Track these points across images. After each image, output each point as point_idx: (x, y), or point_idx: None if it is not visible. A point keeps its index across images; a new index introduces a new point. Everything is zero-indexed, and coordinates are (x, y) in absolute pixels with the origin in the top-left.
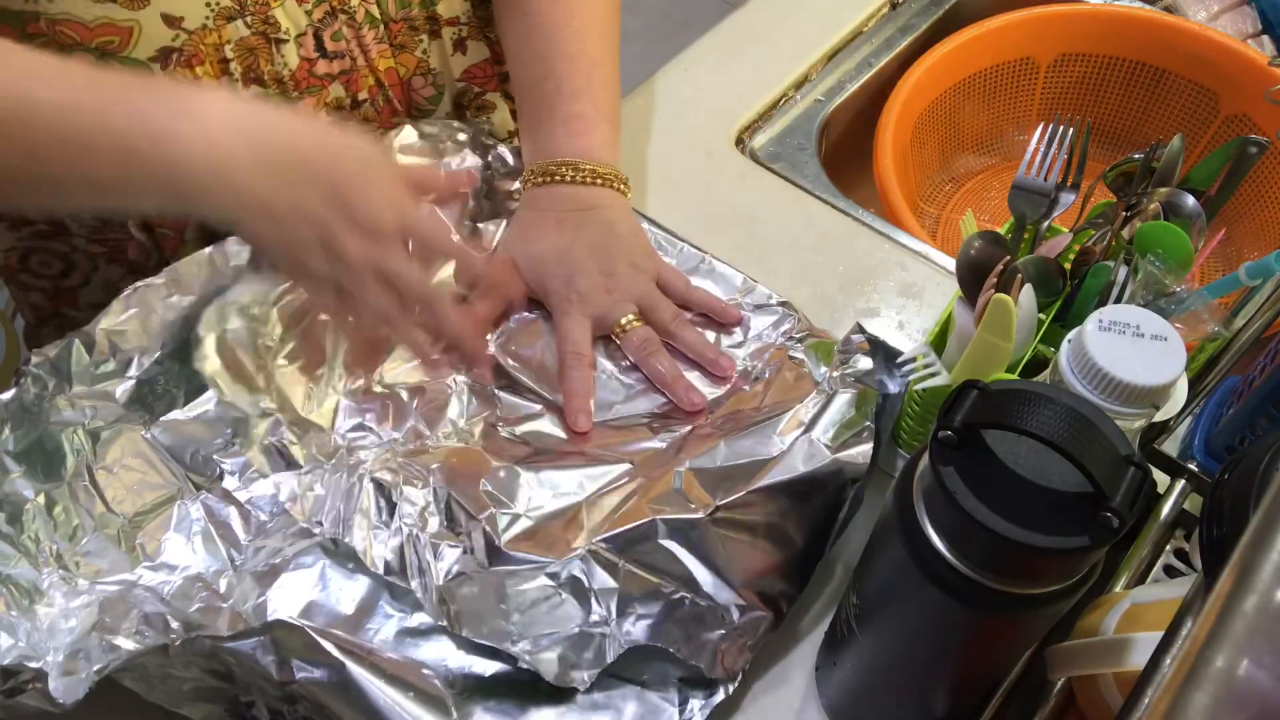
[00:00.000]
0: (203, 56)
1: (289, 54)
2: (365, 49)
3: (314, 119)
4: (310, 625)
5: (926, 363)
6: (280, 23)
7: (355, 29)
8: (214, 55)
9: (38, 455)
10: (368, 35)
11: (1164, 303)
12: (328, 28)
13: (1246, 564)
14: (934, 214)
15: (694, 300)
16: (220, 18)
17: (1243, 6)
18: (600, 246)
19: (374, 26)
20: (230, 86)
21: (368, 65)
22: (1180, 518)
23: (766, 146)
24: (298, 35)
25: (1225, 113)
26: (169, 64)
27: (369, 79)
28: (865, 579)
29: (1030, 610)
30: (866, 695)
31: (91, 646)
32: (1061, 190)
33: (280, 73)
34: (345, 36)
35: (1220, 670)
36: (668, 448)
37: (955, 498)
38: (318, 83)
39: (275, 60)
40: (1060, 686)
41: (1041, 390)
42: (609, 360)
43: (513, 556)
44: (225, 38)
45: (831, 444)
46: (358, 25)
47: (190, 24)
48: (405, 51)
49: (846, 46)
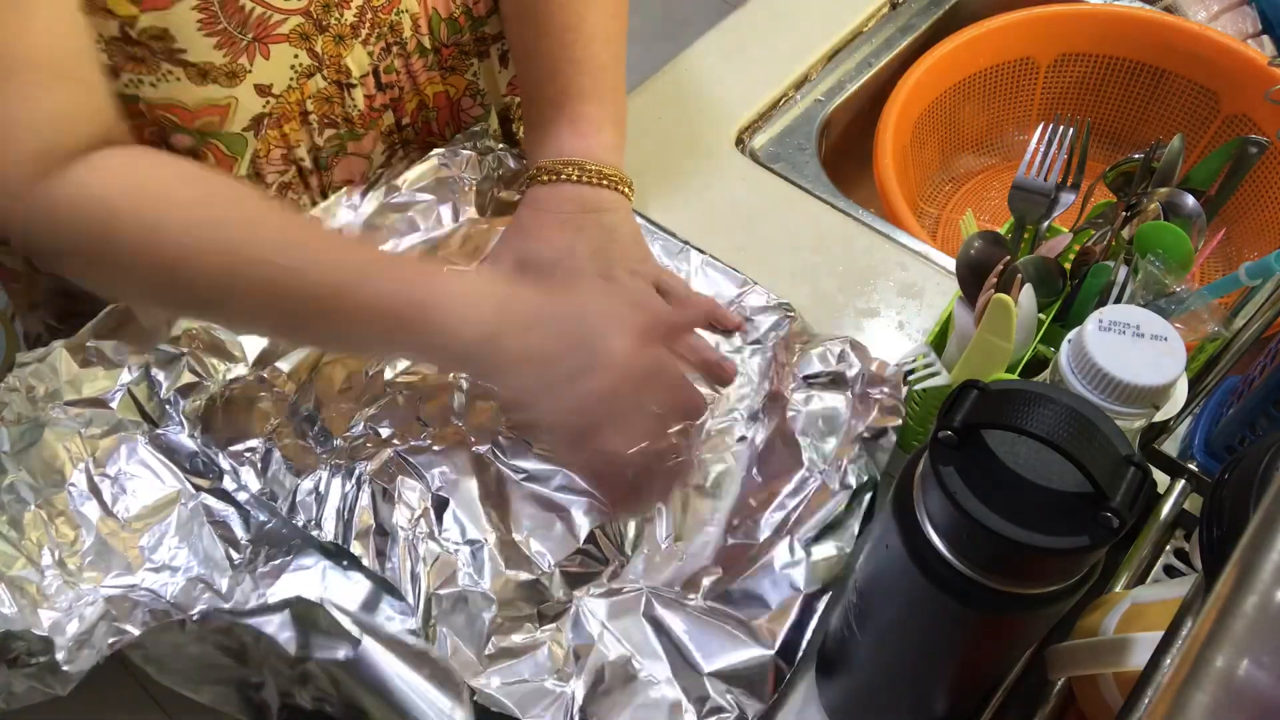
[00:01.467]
0: (289, 115)
1: (358, 96)
2: (414, 76)
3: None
4: (331, 601)
5: (926, 363)
6: (350, 69)
7: (405, 59)
8: (297, 111)
9: (36, 462)
10: (416, 64)
11: (1164, 303)
12: (383, 63)
13: (1246, 564)
14: (934, 214)
15: (694, 303)
16: (302, 76)
17: (1243, 6)
18: (600, 251)
19: (423, 56)
20: (308, 134)
21: (415, 91)
22: (1180, 518)
23: (766, 146)
24: (361, 76)
25: (1225, 113)
26: (260, 130)
27: (412, 103)
28: (865, 579)
29: (1030, 610)
30: (866, 695)
31: (99, 633)
32: (1061, 190)
33: (350, 113)
34: (397, 69)
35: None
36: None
37: (955, 498)
38: (375, 115)
39: (346, 103)
40: (1060, 686)
41: (1041, 390)
42: None
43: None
44: (307, 93)
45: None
46: (408, 55)
47: (278, 88)
48: (455, 74)
49: (846, 46)
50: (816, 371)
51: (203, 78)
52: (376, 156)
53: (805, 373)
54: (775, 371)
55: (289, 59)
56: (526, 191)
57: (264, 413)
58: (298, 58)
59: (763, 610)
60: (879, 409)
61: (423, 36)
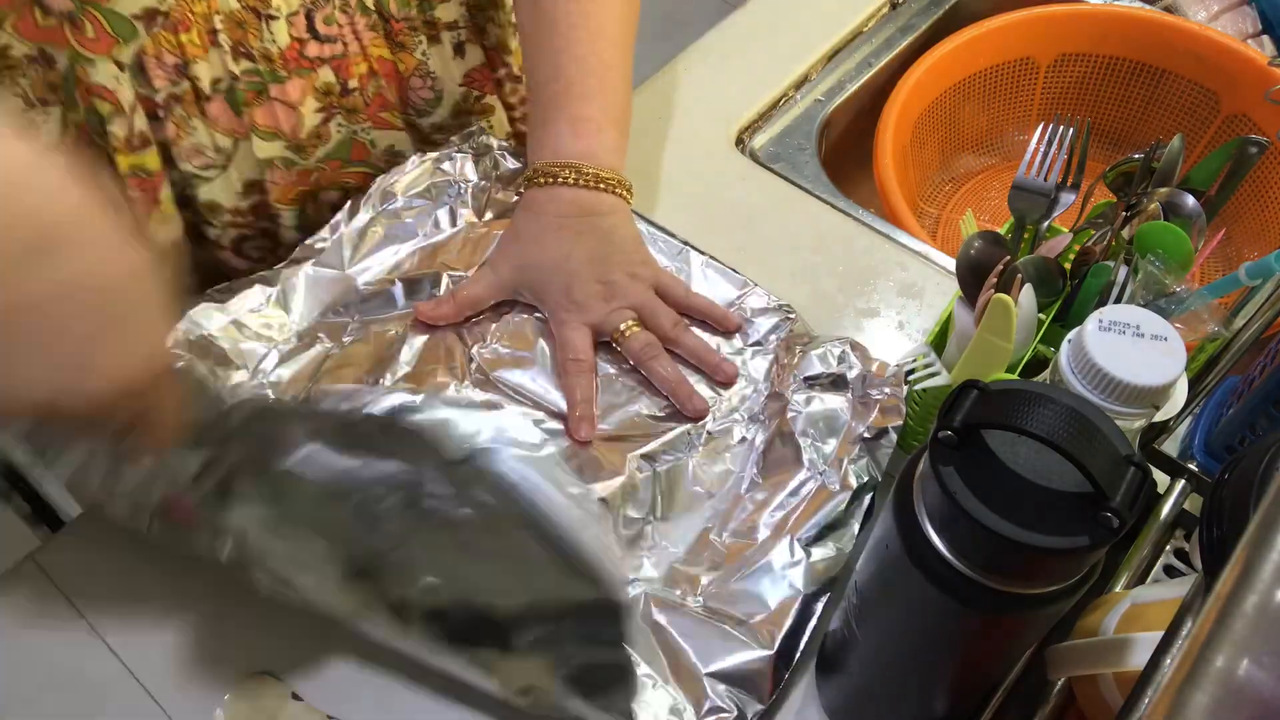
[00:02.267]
0: (189, 24)
1: (279, 31)
2: (359, 36)
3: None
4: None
5: (926, 363)
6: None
7: (349, 15)
8: (203, 25)
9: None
10: (360, 23)
11: (1164, 303)
12: (320, 9)
13: (1246, 564)
14: (934, 214)
15: (694, 307)
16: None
17: (1243, 6)
18: (598, 255)
19: (366, 14)
20: (219, 58)
21: (362, 53)
22: (1180, 518)
23: (766, 146)
24: (289, 14)
25: (1225, 113)
26: (153, 25)
27: (361, 66)
28: (865, 579)
29: (1030, 610)
30: (866, 695)
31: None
32: (1061, 190)
33: (269, 49)
34: (338, 21)
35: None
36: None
37: (955, 498)
38: (307, 64)
39: (264, 36)
40: (1060, 686)
41: (1041, 390)
42: (610, 365)
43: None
44: (214, 7)
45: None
46: (351, 11)
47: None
48: (405, 51)
49: (846, 46)
50: (817, 373)
51: None
52: (309, 115)
53: (805, 374)
54: (776, 373)
55: None
56: (523, 194)
57: None
58: None
59: (761, 610)
60: (879, 410)
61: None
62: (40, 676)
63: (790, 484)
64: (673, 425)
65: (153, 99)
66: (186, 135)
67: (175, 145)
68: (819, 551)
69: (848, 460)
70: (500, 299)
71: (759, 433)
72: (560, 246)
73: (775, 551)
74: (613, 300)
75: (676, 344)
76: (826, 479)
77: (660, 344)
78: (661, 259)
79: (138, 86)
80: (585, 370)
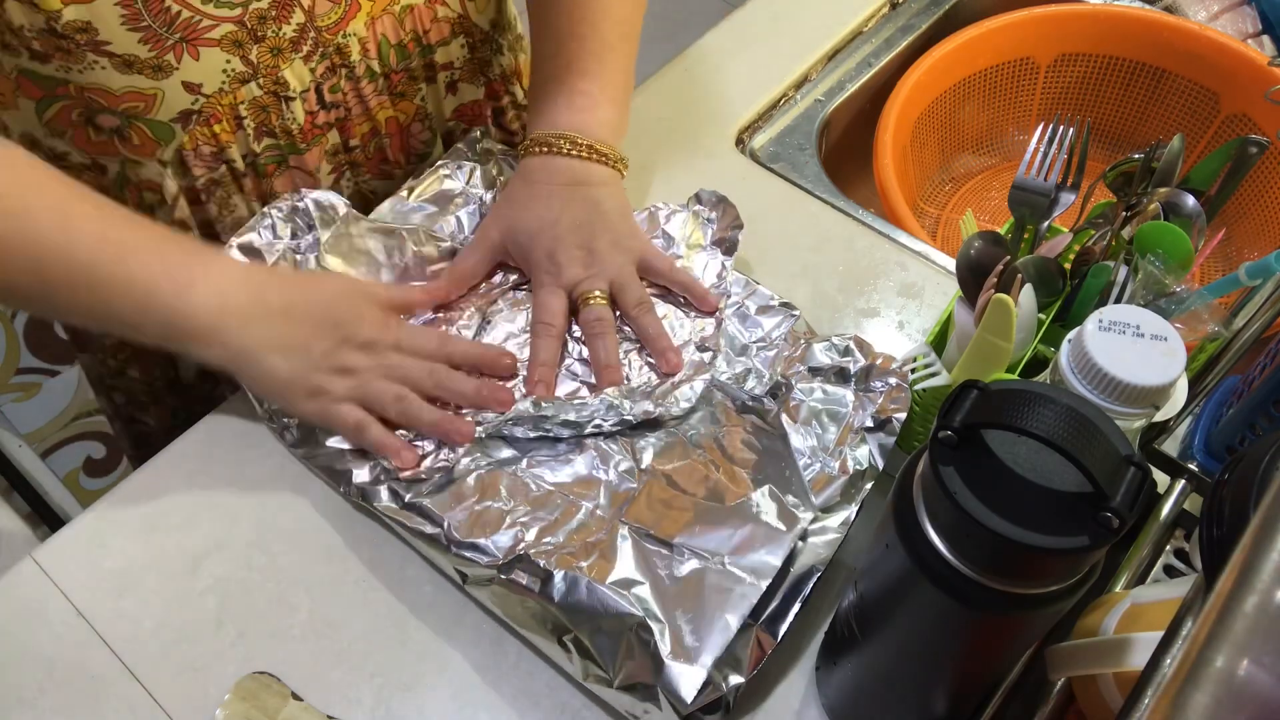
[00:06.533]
0: (219, 115)
1: (296, 110)
2: (364, 99)
3: (310, 275)
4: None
5: (926, 363)
6: (289, 82)
7: (354, 82)
8: (229, 114)
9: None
10: (366, 88)
11: (1164, 303)
12: (327, 82)
13: (1246, 564)
14: (934, 214)
15: (677, 282)
16: (235, 82)
17: (1243, 6)
18: (584, 222)
19: (373, 80)
20: (244, 139)
21: (365, 114)
22: (1180, 518)
23: (766, 146)
24: (302, 91)
25: (1225, 113)
26: (189, 124)
27: (363, 127)
28: (865, 579)
29: (1030, 610)
30: (866, 695)
31: None
32: (1061, 190)
33: (289, 126)
34: (343, 89)
35: (1220, 670)
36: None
37: (955, 498)
38: (319, 132)
39: (285, 115)
40: (1060, 686)
41: (1041, 390)
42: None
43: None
44: (240, 99)
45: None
46: (357, 79)
47: (208, 89)
48: (405, 99)
49: (846, 46)
50: (821, 364)
51: (128, 67)
52: (323, 175)
53: (810, 365)
54: (780, 364)
55: (220, 63)
56: (520, 162)
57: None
58: (230, 63)
59: (751, 587)
60: (885, 398)
61: (371, 60)
62: (40, 676)
63: (790, 469)
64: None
65: (194, 186)
66: (229, 213)
67: (219, 223)
68: (815, 532)
69: (848, 447)
70: (492, 262)
71: (762, 419)
72: (549, 211)
73: (769, 530)
74: (592, 267)
75: (635, 322)
76: (825, 464)
77: (612, 322)
78: (649, 238)
79: (179, 179)
80: (554, 335)
